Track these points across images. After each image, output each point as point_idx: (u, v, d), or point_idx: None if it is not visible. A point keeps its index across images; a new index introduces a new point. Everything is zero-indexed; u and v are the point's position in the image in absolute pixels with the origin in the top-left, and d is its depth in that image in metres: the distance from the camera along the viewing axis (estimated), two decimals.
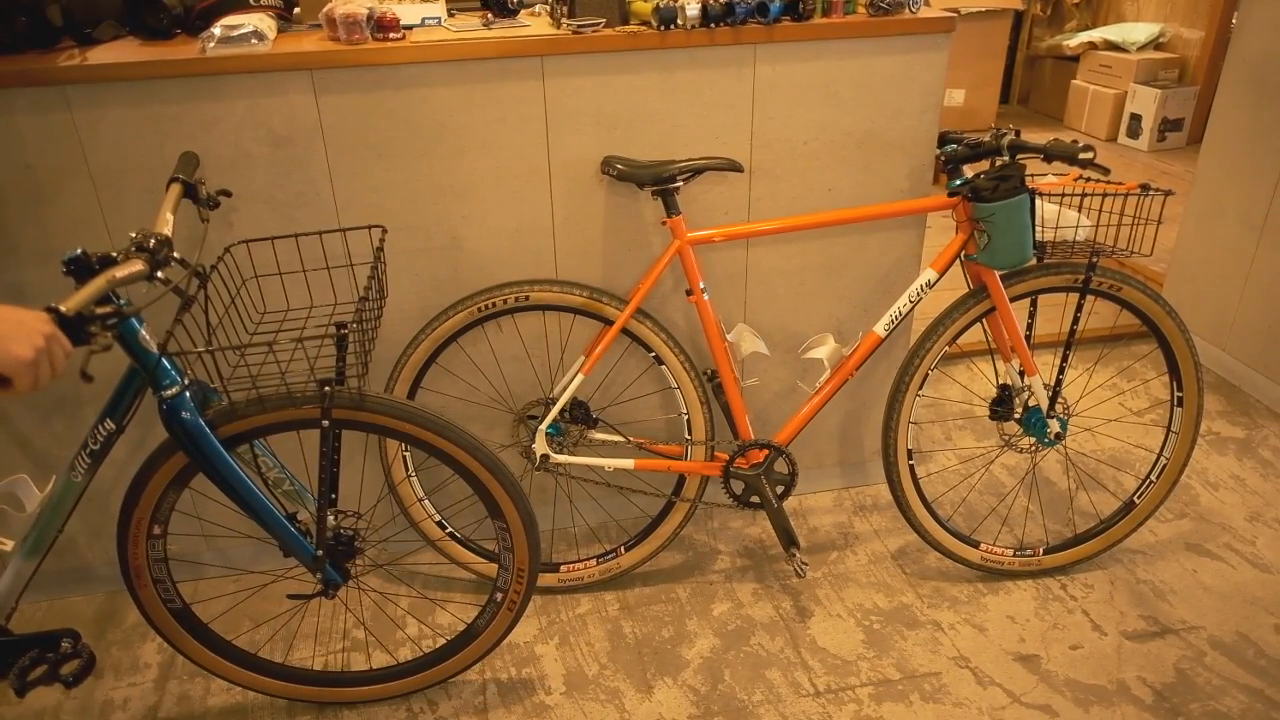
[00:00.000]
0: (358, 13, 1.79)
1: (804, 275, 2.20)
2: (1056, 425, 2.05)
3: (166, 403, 1.47)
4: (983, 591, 2.16)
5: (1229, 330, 2.97)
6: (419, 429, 1.63)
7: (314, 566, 1.65)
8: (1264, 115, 2.72)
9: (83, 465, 1.52)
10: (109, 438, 1.51)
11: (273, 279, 1.91)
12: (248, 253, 1.85)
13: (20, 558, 1.57)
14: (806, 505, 2.47)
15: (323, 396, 1.53)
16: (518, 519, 1.76)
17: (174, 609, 1.73)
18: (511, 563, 1.81)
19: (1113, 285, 1.95)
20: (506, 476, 1.72)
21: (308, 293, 1.95)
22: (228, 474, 1.54)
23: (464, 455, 1.68)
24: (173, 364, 1.46)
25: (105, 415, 1.50)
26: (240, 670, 1.82)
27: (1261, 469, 2.56)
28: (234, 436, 1.57)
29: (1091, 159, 1.72)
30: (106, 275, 1.26)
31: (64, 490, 1.53)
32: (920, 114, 2.06)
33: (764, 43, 1.92)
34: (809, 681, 1.93)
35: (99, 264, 1.30)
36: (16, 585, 1.59)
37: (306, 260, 1.88)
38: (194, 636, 1.77)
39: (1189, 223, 3.07)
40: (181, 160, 1.66)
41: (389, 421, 1.61)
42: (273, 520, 1.60)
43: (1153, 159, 5.19)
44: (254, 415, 1.56)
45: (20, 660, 1.58)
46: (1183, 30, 5.38)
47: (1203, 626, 2.04)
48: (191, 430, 1.49)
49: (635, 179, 1.87)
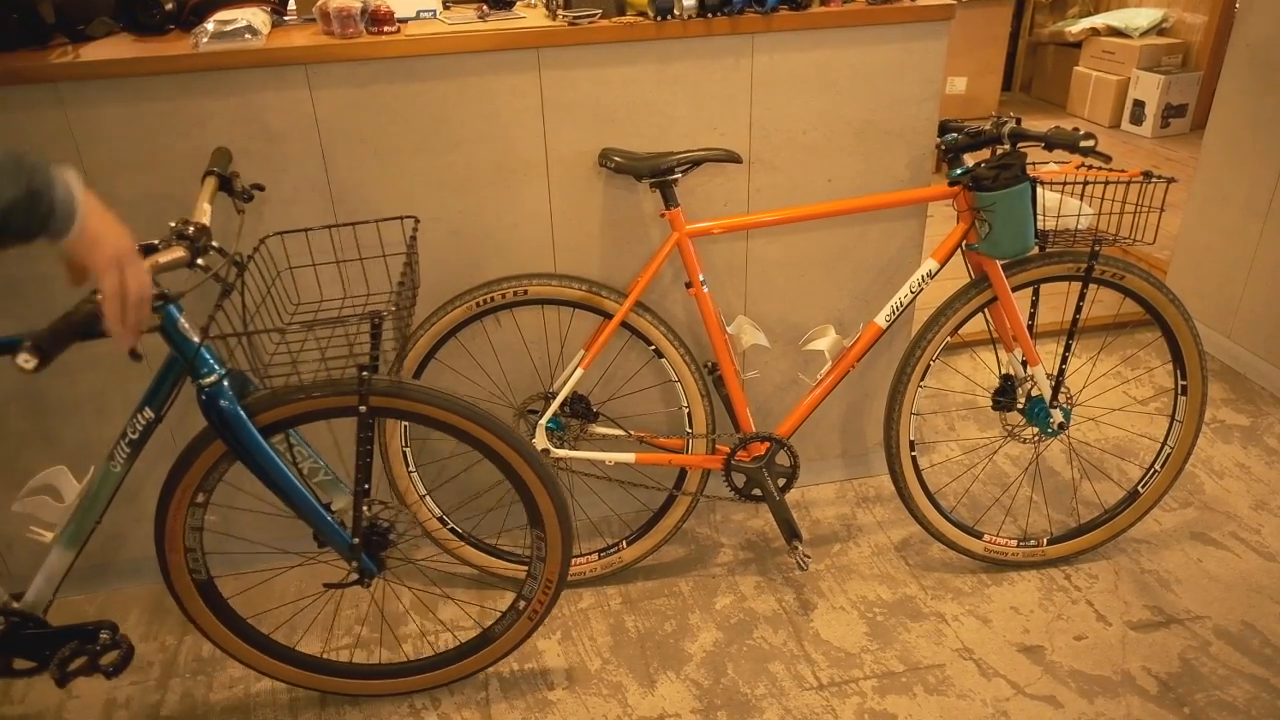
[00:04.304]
0: (352, 6, 1.78)
1: (804, 266, 2.19)
2: (1060, 415, 2.04)
3: (205, 391, 1.48)
4: (986, 583, 2.15)
5: (1233, 317, 2.95)
6: (461, 419, 1.62)
7: (350, 555, 1.66)
8: (1268, 100, 2.70)
9: (122, 455, 1.53)
10: (148, 426, 1.52)
11: (306, 270, 1.91)
12: (282, 244, 1.85)
13: (59, 549, 1.58)
14: (809, 497, 2.46)
15: (361, 382, 1.53)
16: (557, 530, 1.75)
17: (199, 580, 1.70)
18: (541, 573, 1.80)
19: (1115, 273, 1.94)
20: (553, 483, 1.71)
21: (341, 284, 1.95)
22: (264, 461, 1.54)
23: (511, 453, 1.66)
24: (211, 353, 1.47)
25: (144, 404, 1.51)
26: (251, 650, 1.80)
27: (1267, 457, 2.55)
28: (271, 425, 1.57)
29: (1093, 147, 1.70)
30: (150, 260, 1.30)
31: (102, 480, 1.55)
32: (920, 102, 2.05)
33: (762, 32, 1.91)
34: (812, 674, 1.92)
35: (141, 251, 1.32)
36: (54, 577, 1.60)
37: (331, 252, 1.88)
38: (212, 612, 1.74)
39: (1192, 209, 3.05)
40: (215, 154, 1.68)
41: (429, 410, 1.60)
42: (309, 508, 1.60)
43: (1156, 145, 5.16)
44: (291, 403, 1.55)
45: (61, 651, 1.60)
46: (1185, 15, 5.34)
47: (1208, 616, 2.03)
48: (229, 418, 1.50)
49: (633, 171, 1.86)
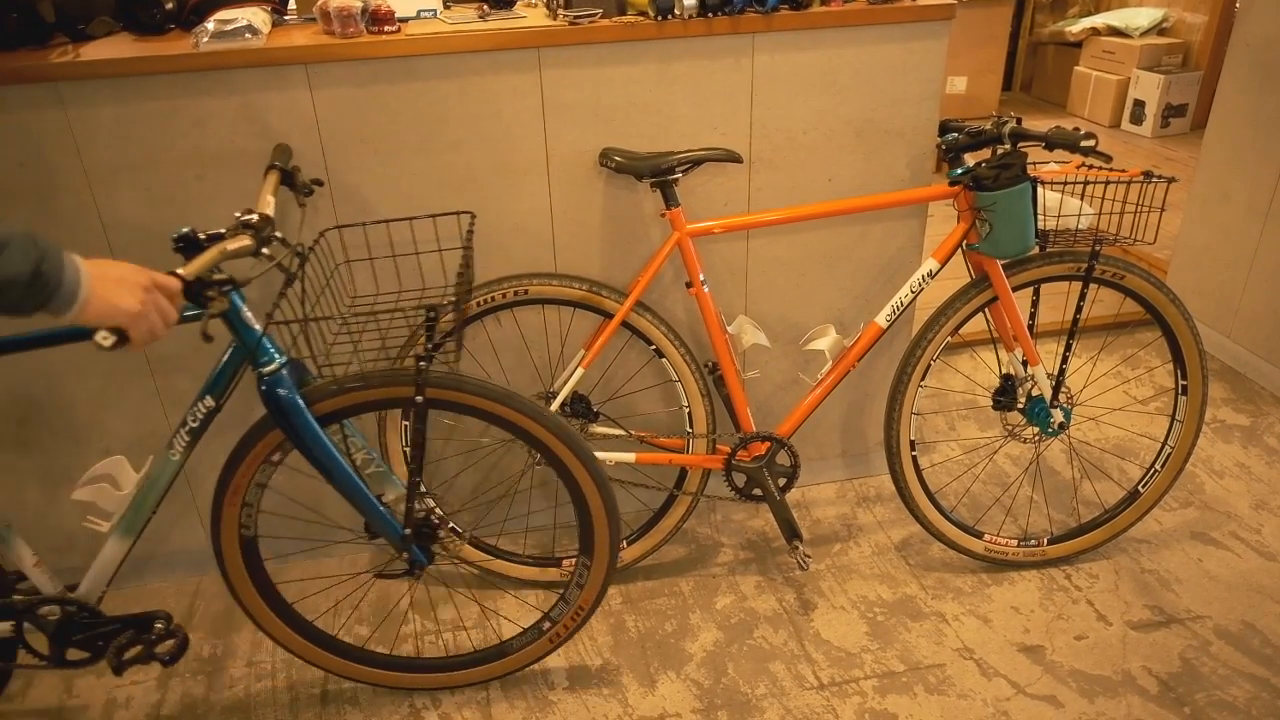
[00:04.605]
0: (352, 6, 1.77)
1: (805, 266, 2.19)
2: (1060, 415, 2.03)
3: (265, 379, 1.50)
4: (987, 582, 2.15)
5: (1234, 317, 2.95)
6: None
7: (402, 546, 1.67)
8: (1268, 100, 2.70)
9: (181, 443, 1.55)
10: (208, 415, 1.54)
11: (362, 265, 1.94)
12: (340, 237, 1.88)
13: (114, 539, 1.60)
14: (809, 497, 2.46)
15: (418, 372, 1.55)
16: (605, 561, 1.77)
17: (245, 536, 1.70)
18: (576, 599, 1.80)
19: (1116, 273, 1.94)
20: (614, 513, 1.71)
21: (396, 278, 1.97)
22: (321, 450, 1.56)
23: (580, 469, 1.67)
24: (272, 342, 1.49)
25: (205, 392, 1.53)
26: (270, 616, 1.78)
27: (1267, 456, 2.55)
28: (327, 414, 1.58)
29: (1093, 146, 1.70)
30: (219, 246, 1.34)
31: (161, 469, 1.56)
32: (920, 102, 2.05)
33: (762, 32, 1.91)
34: (813, 674, 1.92)
35: (207, 240, 1.37)
36: (110, 566, 1.62)
37: (384, 247, 1.91)
38: (247, 569, 1.73)
39: (1193, 209, 3.05)
40: (276, 150, 1.73)
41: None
42: (362, 497, 1.61)
43: (1156, 145, 5.15)
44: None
45: (118, 640, 1.63)
46: (1186, 15, 5.34)
47: (1208, 616, 2.03)
48: (288, 406, 1.51)
49: (634, 171, 1.86)
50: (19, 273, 1.06)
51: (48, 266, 1.09)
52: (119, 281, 1.16)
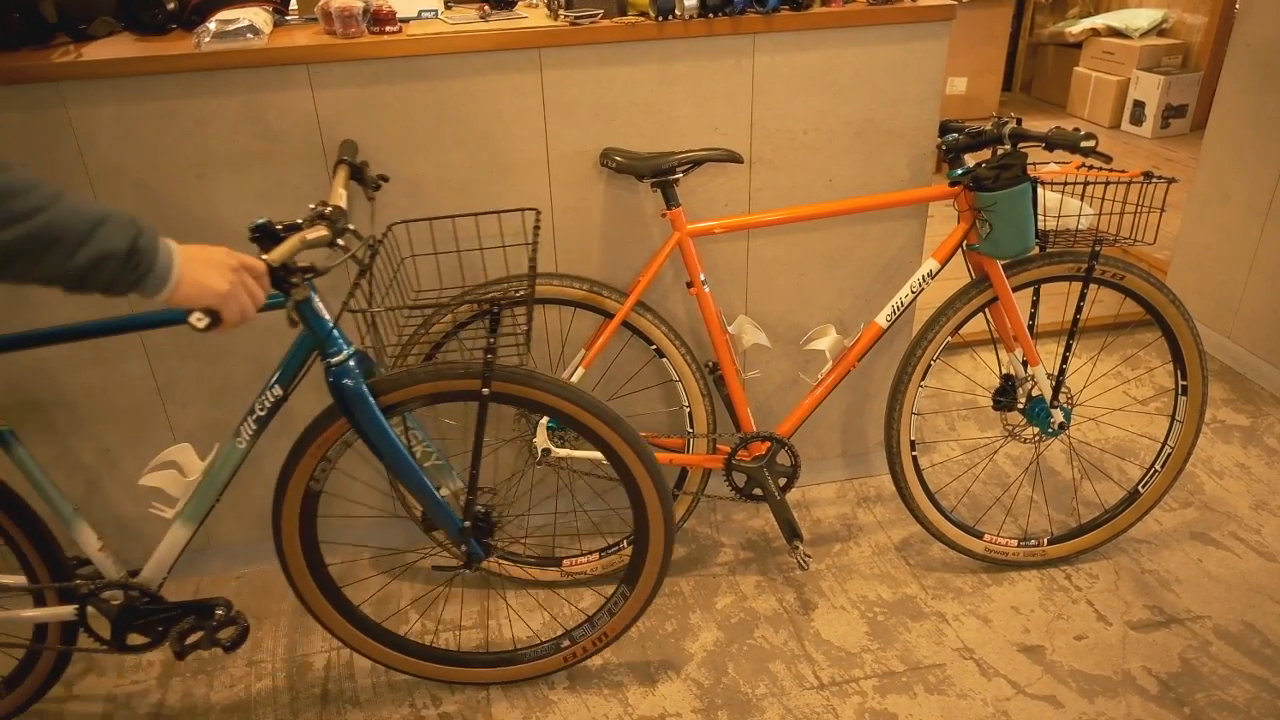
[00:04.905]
0: (354, 6, 1.78)
1: (805, 266, 2.19)
2: (1060, 415, 2.04)
3: (334, 369, 1.52)
4: (987, 582, 2.15)
5: (1234, 317, 2.95)
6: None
7: (460, 539, 1.68)
8: (1268, 100, 2.70)
9: (249, 431, 1.57)
10: (276, 403, 1.56)
11: (426, 259, 1.97)
12: (407, 232, 1.90)
13: (178, 525, 1.62)
14: (809, 497, 2.46)
15: (486, 365, 1.57)
16: (646, 594, 1.78)
17: (311, 490, 1.69)
18: (603, 625, 1.81)
19: (1116, 273, 1.94)
20: (670, 535, 1.72)
21: (460, 273, 2.00)
22: (385, 440, 1.57)
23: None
24: (341, 333, 1.51)
25: (274, 381, 1.55)
26: (306, 576, 1.76)
27: (1267, 457, 2.55)
28: (391, 405, 1.59)
29: (1093, 147, 1.70)
30: (299, 235, 1.37)
31: (226, 457, 1.58)
32: (921, 102, 2.05)
33: (763, 32, 1.91)
34: (813, 674, 1.92)
35: (283, 231, 1.39)
36: (172, 552, 1.64)
37: (446, 243, 1.94)
38: (301, 525, 1.72)
39: (1193, 209, 3.05)
40: (343, 146, 1.77)
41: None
42: (423, 489, 1.62)
43: (1156, 146, 5.16)
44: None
45: (180, 624, 1.65)
46: (1186, 16, 5.35)
47: (1208, 616, 2.03)
48: (355, 396, 1.53)
49: (634, 171, 1.86)
50: (116, 248, 1.07)
51: (144, 243, 1.10)
52: (209, 263, 1.18)
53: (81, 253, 1.05)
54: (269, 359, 2.03)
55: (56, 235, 1.03)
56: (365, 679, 1.95)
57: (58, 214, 1.03)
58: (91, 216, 1.06)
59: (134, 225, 1.09)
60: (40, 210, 1.02)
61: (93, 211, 1.06)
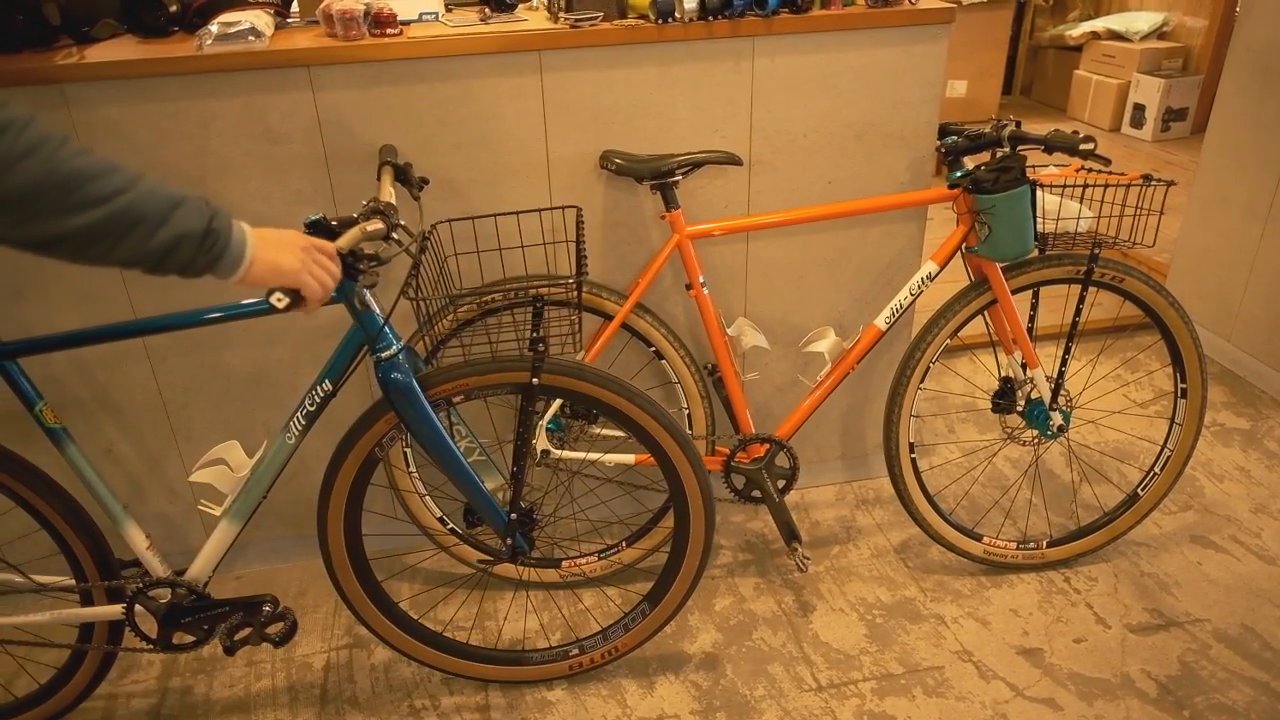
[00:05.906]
0: (355, 8, 1.78)
1: (804, 268, 2.19)
2: (1059, 417, 2.04)
3: (383, 364, 1.54)
4: (986, 585, 2.16)
5: (1233, 321, 2.95)
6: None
7: (505, 532, 1.70)
8: (1269, 104, 2.70)
9: (298, 426, 1.58)
10: (325, 399, 1.58)
11: (469, 257, 1.99)
12: (450, 229, 1.93)
13: (226, 522, 1.64)
14: (808, 499, 2.47)
15: (536, 356, 1.58)
16: (667, 613, 1.78)
17: (368, 460, 1.69)
18: (617, 638, 1.81)
19: (1115, 276, 1.94)
20: (710, 529, 1.72)
21: (501, 270, 2.02)
22: (433, 434, 1.59)
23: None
24: (391, 328, 1.53)
25: (324, 377, 1.57)
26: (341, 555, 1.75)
27: (1266, 460, 2.55)
28: (435, 400, 1.61)
29: (1092, 150, 1.71)
30: (360, 226, 1.40)
31: (276, 452, 1.60)
32: (920, 105, 2.05)
33: (762, 35, 1.91)
34: (811, 676, 1.93)
35: (338, 225, 1.41)
36: (219, 549, 1.65)
37: (488, 240, 1.96)
38: (350, 496, 1.71)
39: (1193, 213, 3.05)
40: (384, 149, 1.81)
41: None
42: (470, 482, 1.64)
43: (1156, 149, 5.16)
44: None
45: (229, 620, 1.67)
46: (1186, 19, 5.35)
47: (1207, 619, 2.03)
48: (404, 390, 1.54)
49: (634, 173, 1.87)
50: (194, 229, 1.10)
51: (218, 224, 1.13)
52: (279, 243, 1.22)
53: (160, 234, 1.07)
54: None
55: (136, 217, 1.06)
56: (364, 679, 1.95)
57: (137, 196, 1.06)
58: (169, 199, 1.08)
59: (209, 207, 1.13)
60: (120, 193, 1.04)
61: (170, 194, 1.09)
